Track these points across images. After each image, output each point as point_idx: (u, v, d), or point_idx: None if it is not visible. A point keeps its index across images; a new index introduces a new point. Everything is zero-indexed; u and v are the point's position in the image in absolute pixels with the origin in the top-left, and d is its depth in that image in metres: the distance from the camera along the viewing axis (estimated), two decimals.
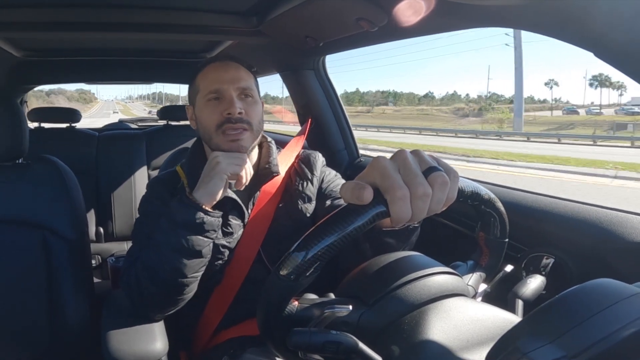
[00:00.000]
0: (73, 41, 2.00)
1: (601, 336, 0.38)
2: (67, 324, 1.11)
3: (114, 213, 2.30)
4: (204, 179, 0.92)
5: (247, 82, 1.01)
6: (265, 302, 0.54)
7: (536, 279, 0.75)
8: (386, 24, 1.11)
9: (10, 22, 1.36)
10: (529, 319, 0.44)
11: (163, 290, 0.90)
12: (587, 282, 0.44)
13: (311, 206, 1.07)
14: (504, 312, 0.57)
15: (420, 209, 0.46)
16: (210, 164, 0.93)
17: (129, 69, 2.47)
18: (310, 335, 0.53)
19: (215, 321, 1.02)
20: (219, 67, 1.02)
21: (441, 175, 0.48)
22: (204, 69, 1.03)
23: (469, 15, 0.92)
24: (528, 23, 0.81)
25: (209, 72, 1.02)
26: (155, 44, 2.14)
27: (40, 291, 1.10)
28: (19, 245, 1.10)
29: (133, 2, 1.35)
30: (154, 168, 2.34)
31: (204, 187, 0.91)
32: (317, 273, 0.50)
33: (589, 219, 0.92)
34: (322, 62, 1.80)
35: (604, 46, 0.69)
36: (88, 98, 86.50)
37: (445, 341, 0.51)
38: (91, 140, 2.39)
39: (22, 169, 1.17)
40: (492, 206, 0.64)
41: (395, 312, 0.57)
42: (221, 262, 1.00)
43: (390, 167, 0.47)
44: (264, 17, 1.39)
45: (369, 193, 0.46)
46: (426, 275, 0.59)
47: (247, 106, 0.99)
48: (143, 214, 1.04)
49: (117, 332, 0.92)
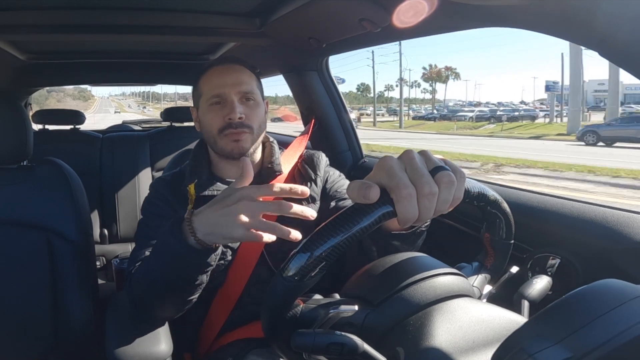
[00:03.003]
0: (77, 44, 2.01)
1: (608, 337, 0.38)
2: (71, 325, 1.11)
3: (118, 215, 2.31)
4: (221, 220, 0.69)
5: (248, 85, 1.02)
6: (270, 303, 0.53)
7: (542, 280, 0.74)
8: (388, 25, 1.11)
9: (14, 25, 1.37)
10: (535, 320, 0.43)
11: (165, 296, 0.90)
12: (593, 283, 0.44)
13: (315, 207, 1.07)
14: (509, 312, 0.57)
15: (427, 208, 0.46)
16: (235, 204, 0.68)
17: (133, 71, 2.48)
18: (314, 336, 0.53)
19: (219, 323, 1.02)
20: (221, 72, 1.03)
21: (448, 174, 0.47)
22: (207, 72, 1.04)
23: (472, 15, 0.92)
24: (532, 23, 0.80)
25: (211, 76, 1.03)
26: (159, 46, 2.15)
27: (44, 293, 1.10)
28: (23, 247, 1.10)
29: (136, 4, 1.35)
30: (157, 169, 2.34)
31: (219, 229, 0.70)
32: (322, 273, 0.50)
33: (595, 220, 0.91)
34: (326, 63, 1.79)
35: (609, 46, 0.68)
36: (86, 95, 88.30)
37: (451, 342, 0.51)
38: (95, 142, 2.40)
39: (26, 171, 1.18)
40: (498, 207, 0.64)
41: (401, 312, 0.56)
42: (224, 263, 1.00)
43: (396, 167, 0.47)
44: (267, 18, 1.39)
45: (375, 192, 0.46)
46: (432, 276, 0.59)
47: (249, 110, 1.01)
48: (146, 216, 1.04)
49: (121, 333, 0.92)
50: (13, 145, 1.12)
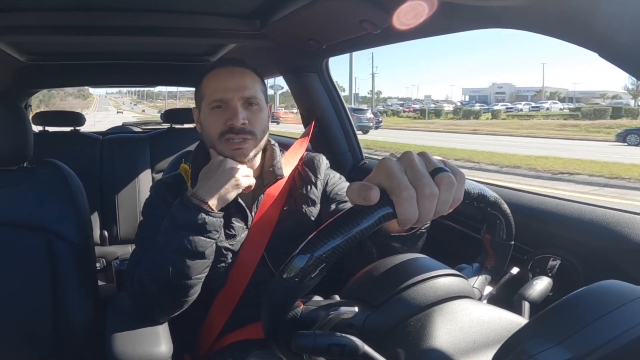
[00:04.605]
0: (77, 45, 2.01)
1: (609, 338, 0.38)
2: (71, 326, 1.11)
3: (119, 216, 2.31)
4: (218, 187, 0.93)
5: (252, 89, 1.00)
6: (270, 304, 0.53)
7: (543, 281, 0.74)
8: (389, 26, 1.11)
9: (14, 27, 1.37)
10: (536, 321, 0.43)
11: (166, 292, 0.90)
12: (594, 284, 0.44)
13: (315, 210, 1.07)
14: (510, 314, 0.56)
15: (427, 209, 0.46)
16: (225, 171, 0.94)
17: (133, 73, 2.49)
18: (314, 337, 0.52)
19: (219, 324, 1.02)
20: (224, 75, 1.01)
21: (448, 175, 0.47)
22: (209, 74, 1.03)
23: (472, 17, 0.92)
24: (532, 24, 0.80)
25: (214, 79, 1.01)
26: (159, 48, 2.15)
27: (45, 294, 1.10)
28: (24, 248, 1.10)
29: (136, 5, 1.35)
30: (158, 171, 2.34)
31: (218, 195, 0.92)
32: (322, 275, 0.50)
33: (595, 220, 0.91)
34: (326, 64, 1.79)
35: (609, 46, 0.68)
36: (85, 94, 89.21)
37: (451, 343, 0.51)
38: (95, 144, 2.40)
39: (27, 173, 1.18)
40: (498, 208, 0.64)
41: (401, 314, 0.56)
42: (224, 265, 1.00)
43: (396, 168, 0.47)
44: (267, 19, 1.39)
45: (375, 193, 0.45)
46: (432, 277, 0.59)
47: (252, 115, 0.99)
48: (146, 217, 1.04)
49: (121, 334, 0.92)
50: (13, 147, 1.12)
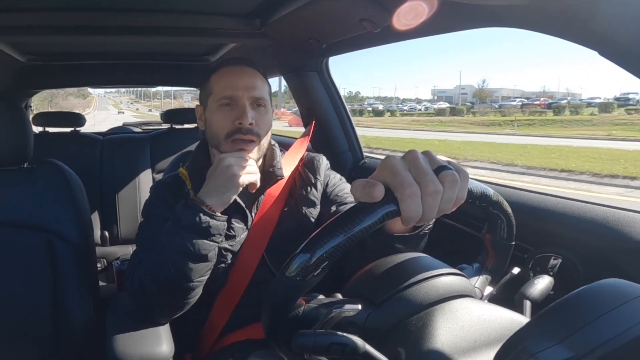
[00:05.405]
0: (77, 45, 2.01)
1: (610, 336, 0.38)
2: (72, 327, 1.11)
3: (119, 216, 2.31)
4: (216, 187, 0.90)
5: (261, 90, 1.00)
6: (271, 302, 0.53)
7: (544, 280, 0.74)
8: (389, 25, 1.11)
9: (14, 27, 1.37)
10: (537, 320, 0.43)
11: (166, 292, 0.90)
12: (595, 282, 0.44)
13: (315, 211, 1.07)
14: (511, 312, 0.56)
15: (430, 206, 0.46)
16: (223, 169, 0.90)
17: (133, 73, 2.48)
18: (315, 336, 0.52)
19: (220, 324, 1.02)
20: (235, 73, 1.01)
21: (452, 173, 0.48)
22: (219, 70, 1.02)
23: (472, 16, 0.92)
24: (532, 23, 0.80)
25: (224, 76, 1.01)
26: (159, 47, 2.15)
27: (45, 294, 1.10)
28: (24, 248, 1.10)
29: (136, 5, 1.35)
30: (158, 171, 2.34)
31: (216, 194, 0.90)
32: (324, 273, 0.49)
33: (596, 219, 0.91)
34: (326, 63, 1.79)
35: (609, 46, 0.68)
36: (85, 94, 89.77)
37: (453, 342, 0.51)
38: (95, 144, 2.40)
39: (27, 173, 1.18)
40: (500, 208, 0.64)
41: (403, 312, 0.56)
42: (224, 265, 0.99)
43: (400, 166, 0.47)
44: (267, 19, 1.39)
45: (379, 190, 0.45)
46: (434, 276, 0.59)
47: (259, 116, 0.99)
48: (147, 217, 1.04)
49: (122, 334, 0.92)
50: (13, 147, 1.12)
